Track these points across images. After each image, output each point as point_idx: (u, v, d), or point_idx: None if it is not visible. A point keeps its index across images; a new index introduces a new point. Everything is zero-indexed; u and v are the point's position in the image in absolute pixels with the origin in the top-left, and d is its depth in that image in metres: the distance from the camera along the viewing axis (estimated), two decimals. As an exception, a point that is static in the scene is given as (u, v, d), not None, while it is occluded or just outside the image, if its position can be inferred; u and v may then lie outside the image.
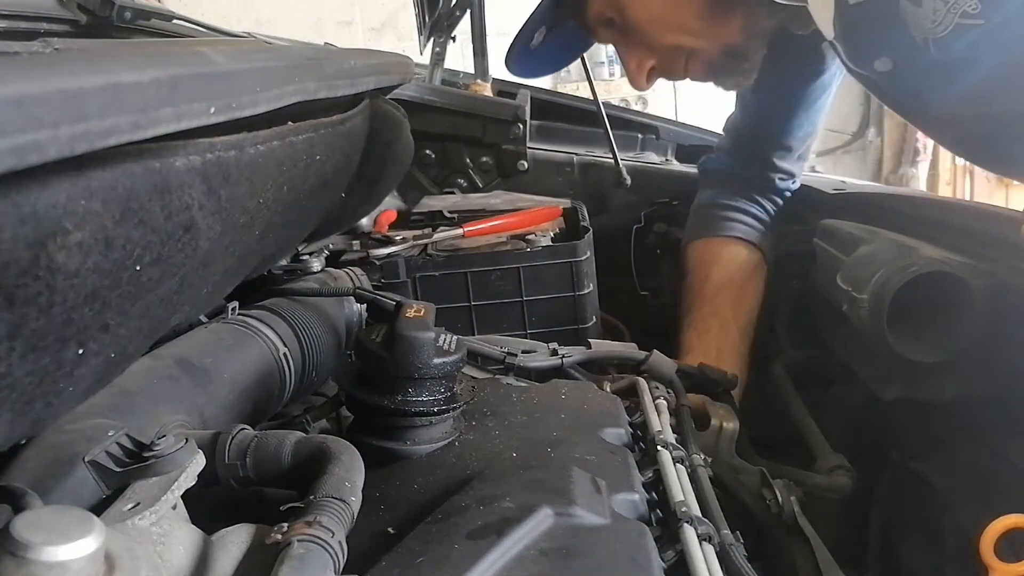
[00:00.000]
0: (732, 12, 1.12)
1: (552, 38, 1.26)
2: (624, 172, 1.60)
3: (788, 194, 1.44)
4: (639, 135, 1.85)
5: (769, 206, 1.42)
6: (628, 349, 1.03)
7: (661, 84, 1.27)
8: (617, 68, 4.73)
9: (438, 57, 2.00)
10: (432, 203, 1.45)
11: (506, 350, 0.93)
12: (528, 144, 1.68)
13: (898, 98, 1.21)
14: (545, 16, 1.21)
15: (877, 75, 1.12)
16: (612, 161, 1.60)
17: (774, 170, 1.42)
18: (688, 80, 1.22)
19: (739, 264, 1.36)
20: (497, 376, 0.89)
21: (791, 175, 1.43)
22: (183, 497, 0.48)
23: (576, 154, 1.73)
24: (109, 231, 0.40)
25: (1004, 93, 1.05)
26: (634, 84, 1.22)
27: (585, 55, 1.68)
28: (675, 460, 0.72)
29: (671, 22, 1.13)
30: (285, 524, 0.45)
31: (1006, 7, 0.97)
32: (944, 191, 4.78)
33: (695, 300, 1.34)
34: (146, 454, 0.48)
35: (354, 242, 1.23)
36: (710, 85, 1.25)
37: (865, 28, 1.07)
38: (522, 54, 1.27)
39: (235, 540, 0.47)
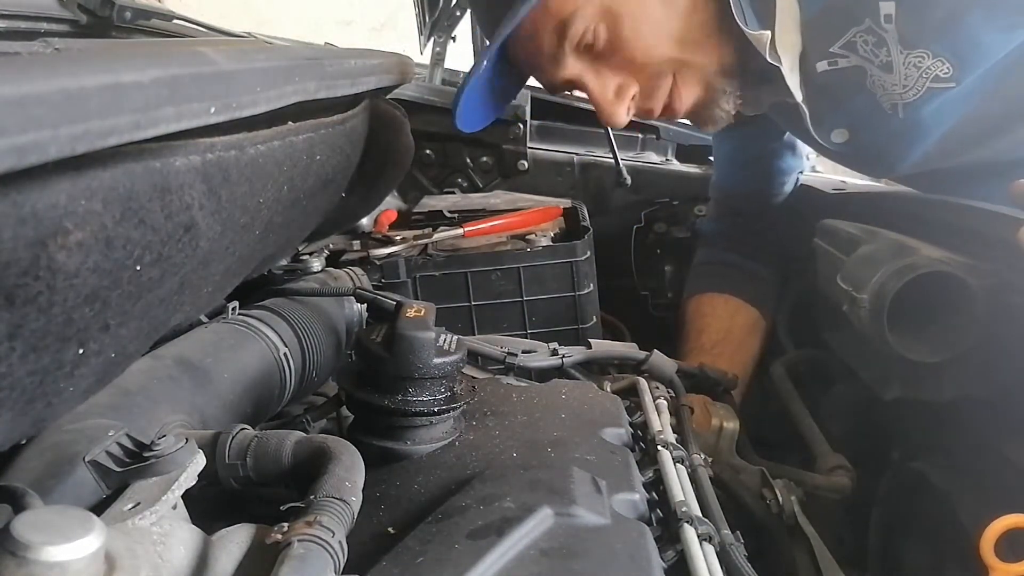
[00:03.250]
0: (730, 33, 1.05)
1: (495, 84, 1.13)
2: (624, 172, 1.60)
3: (776, 242, 1.45)
4: (639, 135, 1.85)
5: (765, 258, 1.42)
6: (628, 349, 1.03)
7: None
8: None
9: (438, 57, 2.00)
10: (432, 203, 1.45)
11: (506, 350, 0.93)
12: (528, 144, 1.68)
13: (858, 165, 1.23)
14: (494, 58, 1.06)
15: (835, 146, 1.13)
16: (612, 161, 1.60)
17: (760, 219, 1.44)
18: (666, 114, 1.12)
19: (736, 320, 1.35)
20: (497, 376, 0.89)
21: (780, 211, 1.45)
22: (183, 497, 0.48)
23: (576, 154, 1.73)
24: (109, 231, 0.40)
25: (964, 146, 1.08)
26: (611, 115, 1.09)
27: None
28: (675, 460, 0.72)
29: (673, 31, 1.04)
30: (285, 524, 0.45)
31: (977, 69, 0.98)
32: (944, 191, 4.77)
33: (693, 349, 1.32)
34: (146, 454, 0.48)
35: (354, 242, 1.23)
36: None
37: (828, 97, 1.07)
38: (469, 104, 1.12)
39: (235, 540, 0.47)
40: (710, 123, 1.15)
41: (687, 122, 1.78)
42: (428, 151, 1.68)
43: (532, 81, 1.78)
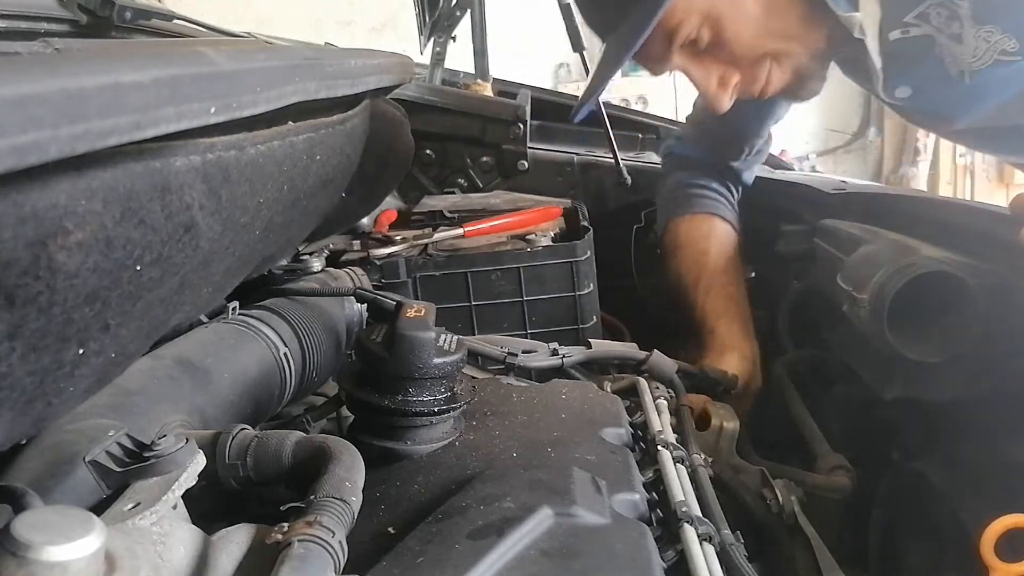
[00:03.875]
0: (824, 19, 1.15)
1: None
2: (624, 172, 1.60)
3: (744, 184, 1.50)
4: (639, 135, 1.84)
5: (735, 190, 1.48)
6: (628, 349, 1.03)
7: (662, 82, 1.25)
8: (617, 68, 4.71)
9: (438, 57, 2.00)
10: (432, 203, 1.45)
11: (506, 350, 0.93)
12: (528, 144, 1.68)
13: (917, 119, 1.32)
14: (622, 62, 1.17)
15: (897, 101, 1.20)
16: (612, 161, 1.60)
17: (737, 159, 1.47)
18: (764, 95, 1.22)
19: (730, 243, 1.41)
20: (497, 376, 0.89)
21: (750, 167, 1.50)
22: (183, 497, 0.48)
23: (576, 154, 1.73)
24: (109, 231, 0.40)
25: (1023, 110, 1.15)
26: (716, 103, 1.21)
27: (585, 55, 1.69)
28: (675, 460, 0.72)
29: (771, 28, 1.15)
30: (285, 524, 0.45)
31: None
32: (944, 191, 4.78)
33: (704, 270, 1.36)
34: (146, 454, 0.48)
35: (354, 242, 1.23)
36: None
37: (896, 61, 1.15)
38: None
39: (235, 540, 0.47)
40: (799, 99, 1.26)
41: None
42: (428, 151, 1.68)
43: (532, 80, 1.78)
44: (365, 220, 1.31)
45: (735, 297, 1.34)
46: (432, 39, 1.98)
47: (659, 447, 0.73)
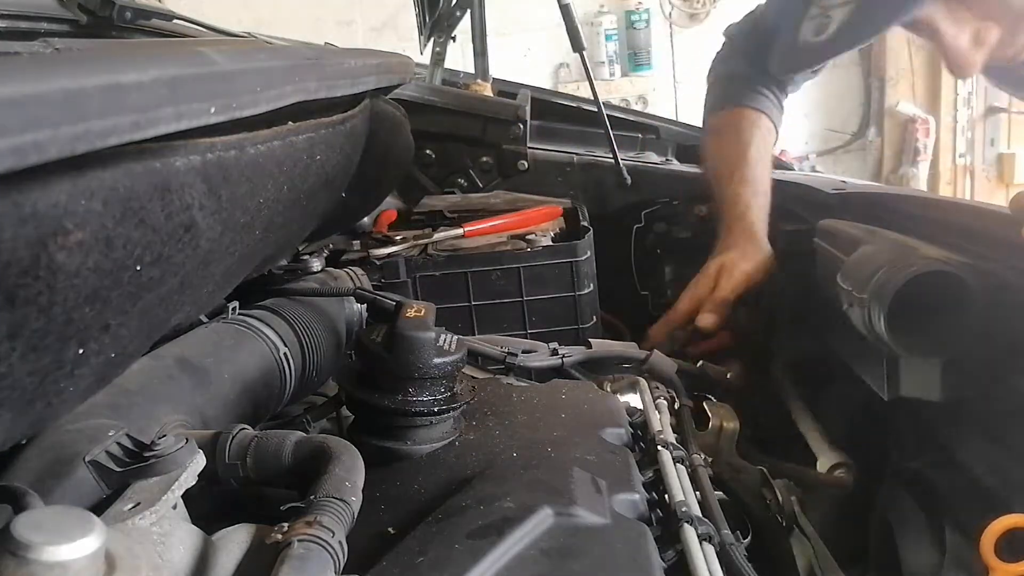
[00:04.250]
0: None
1: None
2: (624, 172, 1.60)
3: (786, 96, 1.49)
4: (639, 135, 1.84)
5: (783, 97, 1.46)
6: (628, 349, 1.03)
7: (662, 82, 1.24)
8: (617, 68, 4.70)
9: (438, 57, 2.00)
10: (432, 203, 1.45)
11: (506, 350, 0.93)
12: (528, 144, 1.68)
13: None
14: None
15: None
16: (612, 161, 1.60)
17: (789, 72, 1.43)
18: (1018, 59, 1.07)
19: (771, 143, 1.41)
20: (497, 376, 0.90)
21: (798, 85, 1.48)
22: (183, 497, 0.48)
23: (576, 154, 1.73)
24: (109, 231, 0.40)
25: None
26: (965, 65, 1.05)
27: (585, 54, 1.69)
28: (675, 460, 0.72)
29: None
30: (285, 524, 0.45)
31: None
32: (944, 191, 4.78)
33: (742, 159, 1.34)
34: (146, 454, 0.48)
35: (354, 242, 1.23)
36: None
37: None
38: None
39: (235, 540, 0.47)
40: None
41: (687, 122, 1.78)
42: (428, 151, 1.68)
43: (532, 80, 1.78)
44: (365, 220, 1.31)
45: (765, 193, 1.32)
46: (432, 39, 1.98)
47: (659, 447, 0.73)
